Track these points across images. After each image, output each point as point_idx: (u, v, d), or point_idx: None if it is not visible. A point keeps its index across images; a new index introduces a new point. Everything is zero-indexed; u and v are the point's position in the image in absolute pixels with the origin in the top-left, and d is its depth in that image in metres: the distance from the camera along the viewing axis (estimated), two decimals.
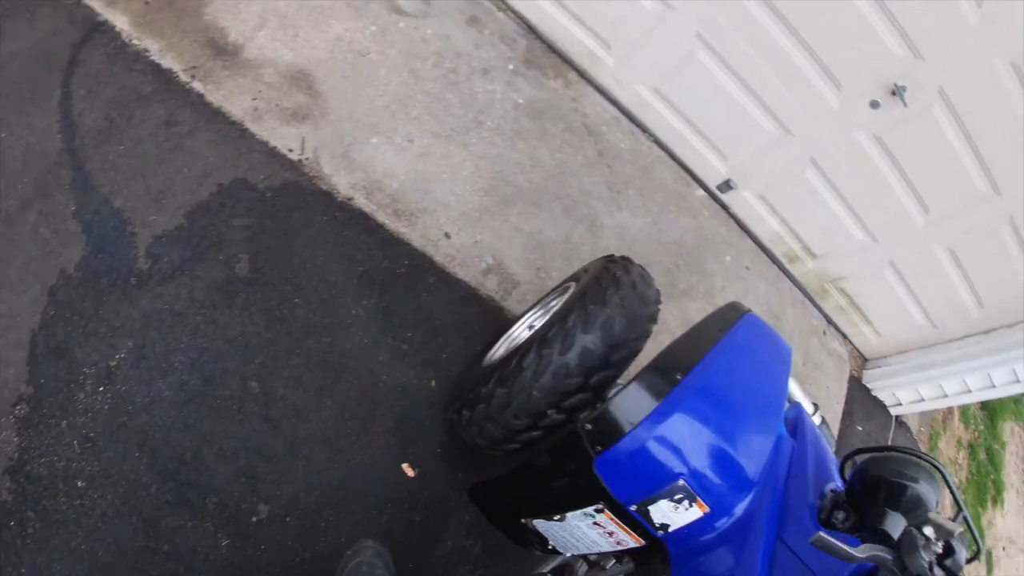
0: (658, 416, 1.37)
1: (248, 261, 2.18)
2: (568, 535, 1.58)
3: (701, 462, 1.38)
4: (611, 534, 1.48)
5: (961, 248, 3.25)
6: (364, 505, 2.12)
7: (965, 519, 1.28)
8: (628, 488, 1.38)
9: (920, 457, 1.30)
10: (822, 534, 1.03)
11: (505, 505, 1.68)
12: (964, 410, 4.65)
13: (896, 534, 1.17)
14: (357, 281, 2.33)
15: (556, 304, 2.01)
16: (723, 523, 1.38)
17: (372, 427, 2.19)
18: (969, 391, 3.62)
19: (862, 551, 1.07)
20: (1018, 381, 3.44)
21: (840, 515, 1.32)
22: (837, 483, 1.50)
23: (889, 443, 3.67)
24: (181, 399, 1.93)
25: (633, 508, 1.38)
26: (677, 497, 1.35)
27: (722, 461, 1.41)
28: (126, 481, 1.80)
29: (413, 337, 2.35)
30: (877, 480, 1.27)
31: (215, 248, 2.14)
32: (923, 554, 1.05)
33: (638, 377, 1.41)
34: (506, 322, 2.41)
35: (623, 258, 2.00)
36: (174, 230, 2.10)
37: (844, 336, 3.75)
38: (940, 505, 1.26)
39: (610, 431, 1.37)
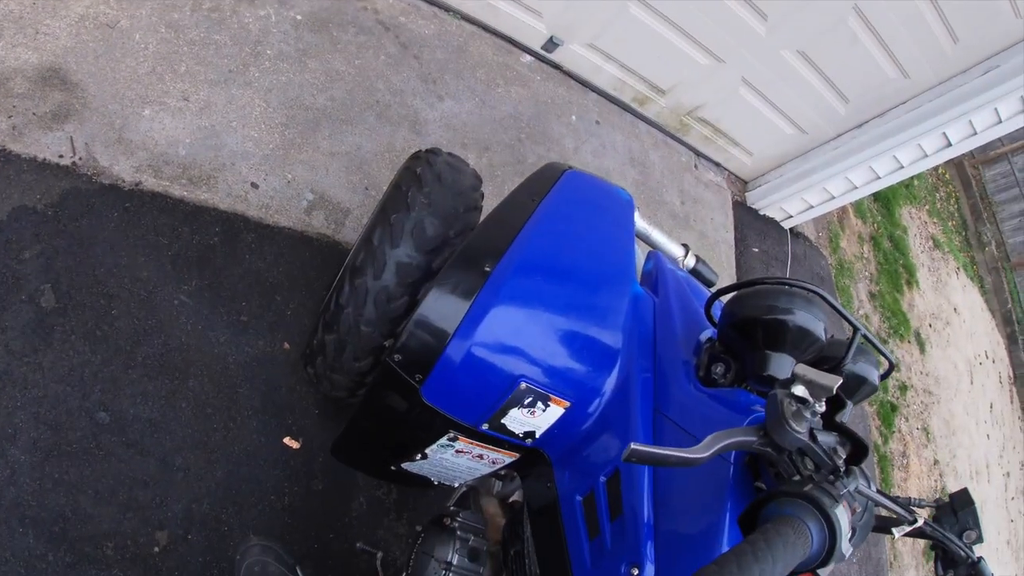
0: (473, 318, 1.20)
1: (51, 290, 1.94)
2: (441, 468, 1.47)
3: (544, 352, 1.23)
4: (480, 457, 1.39)
5: (810, 47, 3.20)
6: (260, 493, 2.01)
7: (865, 337, 1.14)
8: (469, 409, 1.26)
9: (789, 285, 1.14)
10: (635, 446, 0.80)
11: (367, 458, 1.52)
12: (858, 205, 4.76)
13: (784, 375, 1.04)
14: (171, 267, 2.08)
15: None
16: (595, 407, 1.27)
17: (238, 413, 2.05)
18: (855, 187, 3.66)
19: (706, 445, 0.86)
20: (901, 167, 3.49)
21: (719, 368, 1.19)
22: (712, 331, 1.36)
23: (789, 256, 3.69)
24: (38, 458, 1.76)
25: (485, 427, 1.27)
26: (527, 402, 1.22)
27: (570, 342, 1.26)
28: (23, 561, 1.67)
29: (249, 306, 2.14)
30: (749, 321, 1.13)
31: (15, 289, 1.90)
32: (793, 424, 0.84)
33: (438, 279, 1.22)
34: (346, 255, 2.20)
35: (428, 151, 1.78)
36: None
37: (717, 164, 3.68)
38: (829, 330, 1.13)
39: (424, 353, 1.22)
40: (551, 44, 3.15)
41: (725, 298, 1.26)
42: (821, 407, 0.88)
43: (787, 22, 3.06)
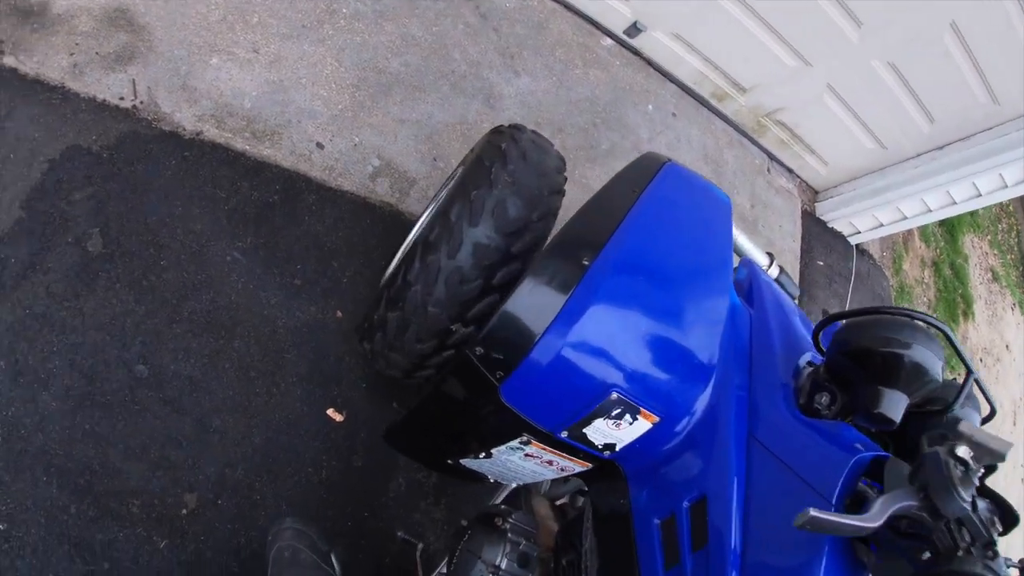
0: (568, 316, 1.06)
1: (100, 235, 1.86)
2: (503, 469, 1.36)
3: (638, 360, 1.10)
4: (549, 463, 1.28)
5: (902, 60, 3.01)
6: (297, 464, 1.93)
7: (977, 382, 1.08)
8: (550, 414, 1.12)
9: (912, 316, 1.05)
10: (813, 512, 0.72)
11: (423, 448, 1.41)
12: (924, 229, 4.53)
13: (897, 415, 0.97)
14: (226, 222, 1.99)
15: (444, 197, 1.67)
16: (683, 426, 1.13)
17: (282, 379, 1.96)
18: (929, 211, 3.45)
19: (879, 511, 0.77)
20: (979, 195, 3.29)
21: (823, 398, 1.08)
22: (812, 354, 1.24)
23: (852, 273, 3.49)
24: (70, 406, 1.69)
25: (564, 435, 1.14)
26: (615, 413, 1.09)
27: (666, 352, 1.13)
28: (44, 510, 1.61)
29: (304, 269, 2.04)
30: (864, 352, 1.03)
31: (61, 231, 1.82)
32: (961, 491, 0.75)
33: (532, 270, 1.11)
34: (409, 227, 2.14)
35: (511, 127, 1.64)
36: (14, 226, 1.77)
37: (790, 171, 3.50)
38: (945, 370, 1.04)
39: (509, 350, 1.08)
40: (634, 29, 2.99)
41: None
42: (981, 471, 0.79)
43: (881, 31, 2.88)
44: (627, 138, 2.83)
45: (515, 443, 1.22)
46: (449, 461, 1.43)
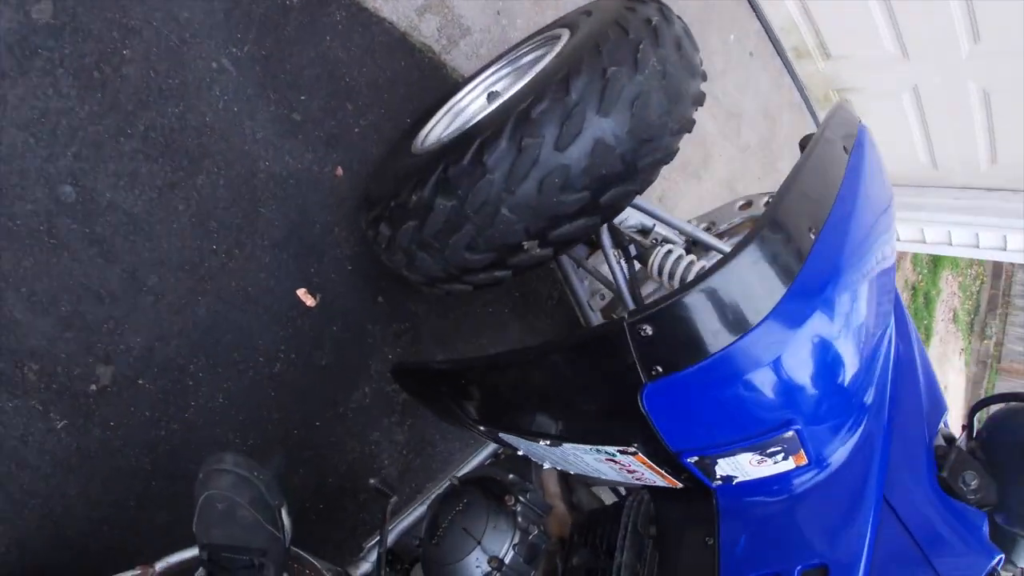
0: (786, 314, 0.76)
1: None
2: (556, 458, 1.06)
3: (825, 389, 0.85)
4: (632, 471, 0.96)
5: (998, 92, 2.73)
6: (247, 350, 1.52)
7: None
8: (691, 435, 0.85)
9: None
10: None
11: (459, 406, 1.03)
12: (916, 253, 4.40)
13: None
14: (223, 18, 1.51)
15: (539, 62, 1.21)
16: (819, 473, 0.91)
17: (250, 238, 1.51)
18: (950, 244, 3.28)
19: None
20: (1004, 248, 3.13)
21: (973, 482, 0.96)
22: (946, 411, 1.12)
23: None
24: None
25: (692, 461, 0.87)
26: (772, 451, 0.85)
27: (840, 384, 0.88)
28: None
29: (308, 103, 1.56)
30: None
31: None
32: None
33: (752, 239, 0.75)
34: (450, 85, 1.72)
35: (659, 3, 1.18)
36: None
37: None
38: None
39: (687, 345, 0.75)
40: None
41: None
42: None
43: (993, 57, 2.58)
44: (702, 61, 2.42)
45: (612, 449, 0.87)
46: (483, 428, 1.06)
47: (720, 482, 0.90)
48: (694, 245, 1.55)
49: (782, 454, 0.84)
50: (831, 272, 0.81)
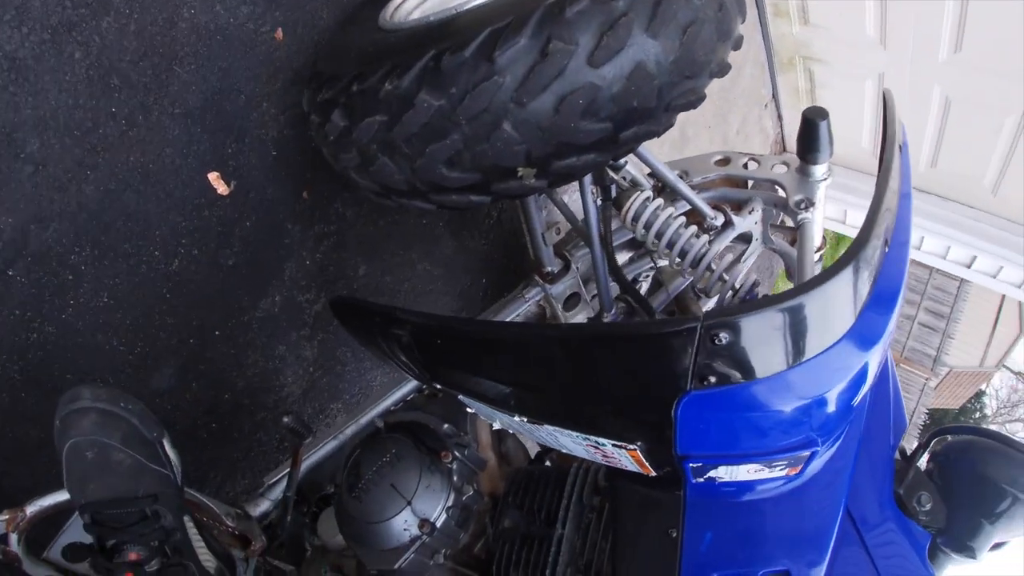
0: (858, 335, 0.72)
1: None
2: (522, 429, 0.94)
3: (842, 409, 0.81)
4: (609, 457, 0.86)
5: (960, 104, 2.74)
6: (141, 240, 1.24)
7: None
8: (710, 444, 0.78)
9: None
10: None
11: (416, 360, 0.86)
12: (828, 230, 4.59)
13: (981, 554, 0.97)
14: None
15: None
16: (784, 485, 0.88)
17: (159, 103, 1.19)
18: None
19: None
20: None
21: (927, 504, 0.98)
22: (907, 428, 1.12)
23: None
24: None
25: (692, 466, 0.81)
26: (778, 463, 0.81)
27: (855, 402, 0.85)
28: None
29: None
30: (990, 484, 0.97)
31: None
32: None
33: (856, 257, 0.69)
34: None
35: None
36: None
37: (780, 118, 3.14)
38: None
39: (758, 356, 0.67)
40: None
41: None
42: None
43: (966, 70, 2.55)
44: None
45: (606, 442, 0.75)
46: (440, 386, 0.89)
47: (702, 481, 0.83)
48: (661, 191, 1.42)
49: (785, 466, 0.79)
50: (895, 284, 0.75)
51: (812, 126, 1.25)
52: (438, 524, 1.00)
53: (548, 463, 1.42)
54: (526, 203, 1.38)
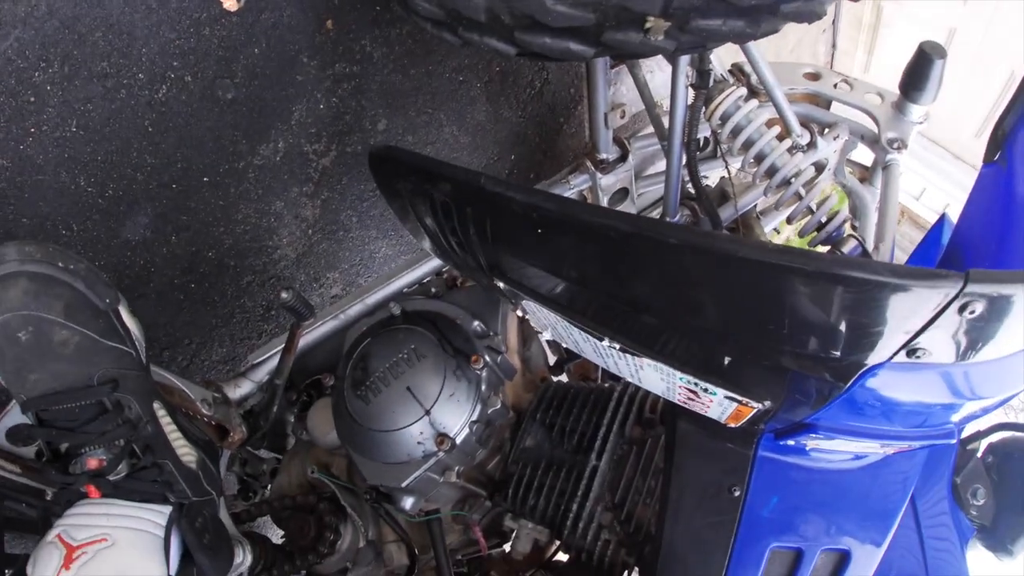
0: None
1: None
2: (593, 352, 0.76)
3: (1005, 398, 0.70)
4: (695, 400, 0.71)
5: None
6: (121, 60, 0.98)
7: None
8: (850, 417, 0.64)
9: None
10: None
11: (481, 241, 0.66)
12: None
13: (1019, 555, 0.93)
14: None
15: None
16: (859, 459, 0.79)
17: None
18: None
19: None
20: None
21: (981, 497, 0.95)
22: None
23: None
24: None
25: (814, 433, 0.68)
26: (899, 446, 0.72)
27: None
28: None
29: None
30: None
31: None
32: None
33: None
34: None
35: None
36: None
37: (834, 47, 2.89)
38: None
39: (986, 335, 0.50)
40: None
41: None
42: None
43: None
44: None
45: (721, 392, 0.63)
46: (502, 284, 0.70)
47: (787, 444, 0.72)
48: (751, 94, 1.20)
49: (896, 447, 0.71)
50: None
51: (926, 61, 1.11)
52: (458, 440, 0.85)
53: (565, 376, 1.29)
54: (594, 75, 1.15)
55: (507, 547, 1.07)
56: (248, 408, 1.06)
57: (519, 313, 0.83)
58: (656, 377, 0.70)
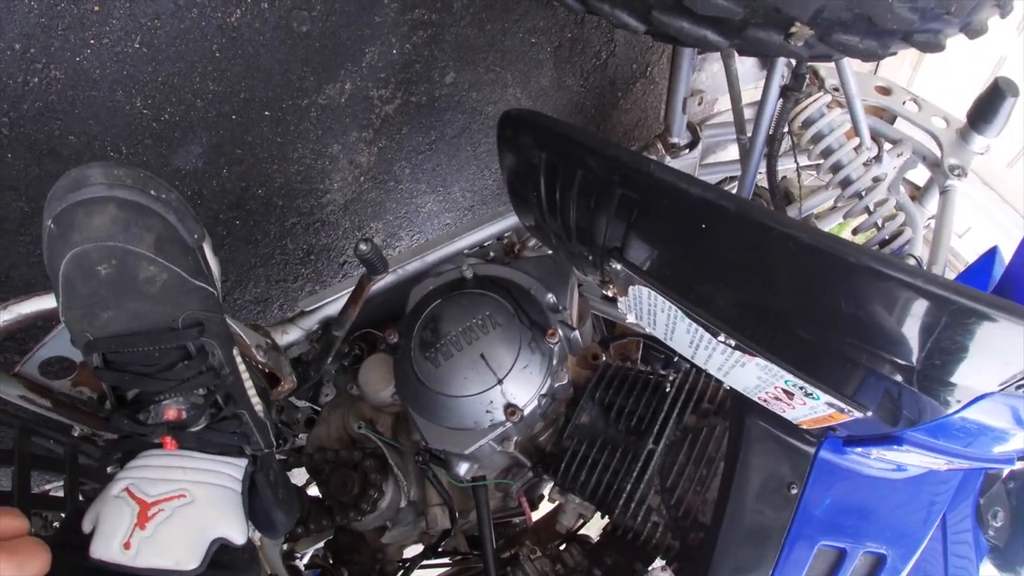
0: None
1: None
2: (691, 345, 0.73)
3: None
4: (786, 401, 0.70)
5: None
6: None
7: None
8: (942, 435, 0.64)
9: None
10: None
11: (619, 222, 0.66)
12: None
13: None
14: None
15: None
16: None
17: None
18: None
19: None
20: None
21: (1000, 519, 0.95)
22: None
23: None
24: None
25: (896, 446, 0.68)
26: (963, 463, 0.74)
27: None
28: None
29: None
30: None
31: None
32: None
33: None
34: None
35: None
36: None
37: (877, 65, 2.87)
38: None
39: None
40: None
41: None
42: None
43: None
44: None
45: (825, 397, 0.62)
46: (615, 265, 0.69)
47: (851, 450, 0.75)
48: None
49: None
50: None
51: (999, 96, 1.15)
52: (526, 412, 0.85)
53: (605, 357, 1.29)
54: (680, 60, 1.13)
55: (533, 516, 1.09)
56: (295, 357, 1.04)
57: (609, 293, 0.82)
58: (753, 375, 0.70)
